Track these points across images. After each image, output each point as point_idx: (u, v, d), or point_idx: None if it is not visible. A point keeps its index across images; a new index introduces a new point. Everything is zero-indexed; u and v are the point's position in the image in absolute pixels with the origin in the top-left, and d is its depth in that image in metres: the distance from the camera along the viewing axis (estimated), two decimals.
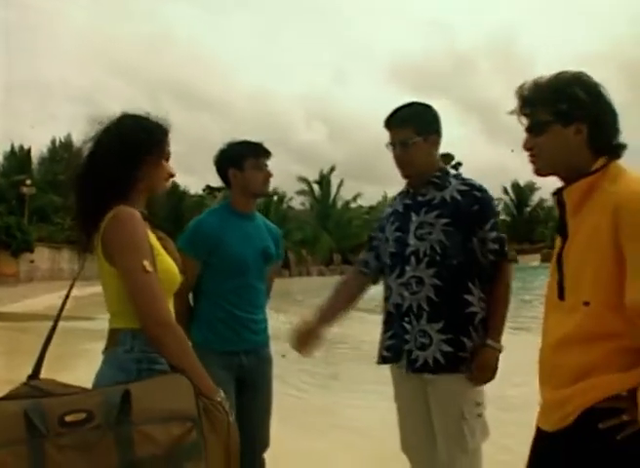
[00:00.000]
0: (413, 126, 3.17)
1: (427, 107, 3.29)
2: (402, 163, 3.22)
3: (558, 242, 2.22)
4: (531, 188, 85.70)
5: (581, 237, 2.08)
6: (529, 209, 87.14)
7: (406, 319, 3.12)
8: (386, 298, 3.29)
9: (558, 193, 2.19)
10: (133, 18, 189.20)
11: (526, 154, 2.25)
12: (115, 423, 1.86)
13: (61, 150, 57.28)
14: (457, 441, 3.06)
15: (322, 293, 3.68)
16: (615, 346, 1.97)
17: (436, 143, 3.25)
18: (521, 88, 2.22)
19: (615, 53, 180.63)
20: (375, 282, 3.50)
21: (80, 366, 2.21)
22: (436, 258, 3.07)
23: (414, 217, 3.19)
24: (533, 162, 2.23)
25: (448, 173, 3.28)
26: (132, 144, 2.39)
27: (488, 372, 3.08)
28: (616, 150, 2.13)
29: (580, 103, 2.10)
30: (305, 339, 3.31)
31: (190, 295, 3.55)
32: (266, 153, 3.65)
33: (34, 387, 2.03)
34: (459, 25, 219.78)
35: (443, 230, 3.08)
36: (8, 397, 1.99)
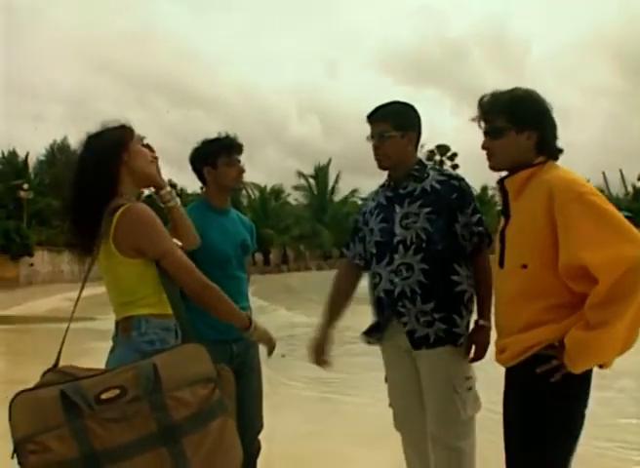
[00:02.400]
0: (391, 121, 3.40)
1: (408, 106, 3.50)
2: (378, 154, 3.44)
3: (502, 221, 2.76)
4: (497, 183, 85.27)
5: (521, 215, 2.62)
6: None
7: (400, 303, 3.29)
8: (374, 285, 3.46)
9: (501, 182, 2.74)
10: (116, 15, 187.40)
11: None
12: (149, 393, 2.05)
13: (59, 153, 57.03)
14: (448, 413, 3.23)
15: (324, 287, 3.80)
16: (549, 303, 2.49)
17: (413, 140, 3.46)
18: (481, 99, 2.75)
19: (607, 39, 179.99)
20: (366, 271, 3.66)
21: (85, 364, 2.33)
22: (422, 245, 3.28)
23: (397, 209, 3.39)
24: (489, 159, 2.77)
25: (426, 165, 3.50)
26: (105, 156, 2.61)
27: (481, 349, 3.31)
28: (555, 153, 2.69)
29: (532, 115, 2.64)
30: (322, 352, 3.57)
31: None
32: (239, 149, 3.77)
33: (63, 373, 2.18)
34: (449, 12, 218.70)
35: (427, 218, 3.29)
36: (42, 385, 2.12)
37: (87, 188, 2.57)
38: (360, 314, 3.73)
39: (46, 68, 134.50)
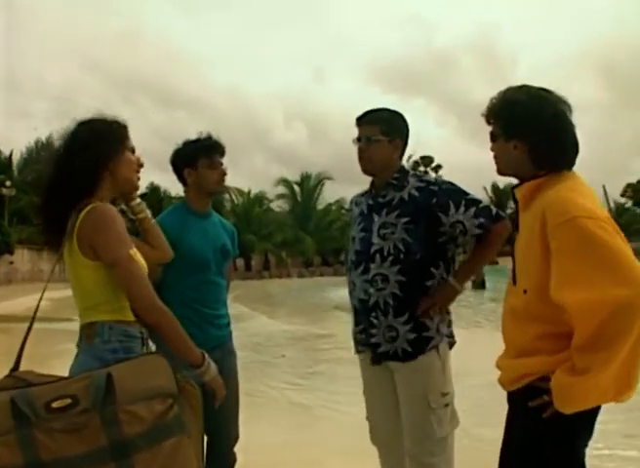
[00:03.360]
0: (380, 126, 3.38)
1: (398, 114, 3.49)
2: (362, 158, 3.42)
3: (516, 234, 2.53)
4: (510, 188, 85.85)
5: (524, 232, 2.40)
6: (509, 210, 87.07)
7: (373, 314, 3.30)
8: (350, 293, 3.48)
9: (512, 190, 2.50)
10: (106, 14, 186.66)
11: None
12: (101, 405, 1.96)
13: (43, 151, 56.65)
14: (423, 429, 3.20)
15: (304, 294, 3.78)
16: (545, 331, 2.27)
17: (399, 148, 3.44)
18: (493, 97, 2.50)
19: (595, 53, 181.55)
20: None
21: (58, 365, 2.27)
22: (400, 256, 3.25)
23: (376, 218, 3.38)
24: (495, 163, 2.56)
25: (407, 173, 3.46)
26: (96, 141, 2.52)
27: (439, 303, 3.28)
28: (559, 166, 2.36)
29: (519, 123, 2.38)
30: None
31: None
32: (221, 150, 3.66)
33: (18, 378, 2.10)
34: (439, 22, 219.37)
35: (405, 228, 3.26)
36: None
37: (66, 181, 2.49)
38: (340, 323, 3.67)
39: (34, 65, 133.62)
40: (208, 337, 3.44)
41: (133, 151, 2.67)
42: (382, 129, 3.38)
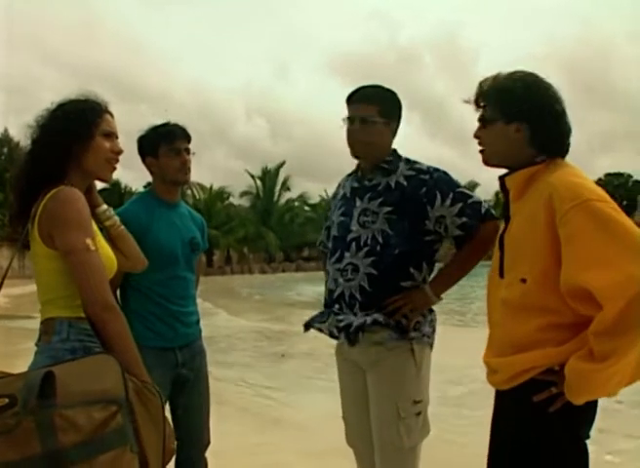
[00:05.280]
0: (378, 106, 3.07)
1: (394, 93, 3.17)
2: (356, 140, 3.10)
3: (502, 225, 2.44)
4: (473, 186, 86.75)
5: (521, 220, 2.28)
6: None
7: (337, 306, 3.09)
8: (325, 282, 3.26)
9: (502, 179, 2.40)
10: (62, 2, 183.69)
11: (469, 153, 2.46)
12: (37, 407, 1.77)
13: (0, 146, 55.74)
14: (391, 439, 2.99)
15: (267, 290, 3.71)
16: (548, 321, 2.16)
17: (395, 131, 3.18)
18: (482, 81, 2.43)
19: (558, 53, 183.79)
20: None
21: (21, 365, 2.19)
22: (377, 248, 3.01)
23: (358, 203, 3.13)
24: (481, 151, 2.44)
25: (400, 157, 3.19)
26: (63, 125, 2.36)
27: (407, 305, 2.97)
28: (558, 150, 2.33)
29: (524, 106, 2.28)
30: None
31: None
32: (183, 136, 3.44)
33: None
34: (402, 18, 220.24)
35: (386, 219, 3.02)
36: None
37: (31, 168, 2.34)
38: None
39: None
40: (176, 335, 3.35)
41: (109, 135, 2.47)
42: (380, 110, 3.07)
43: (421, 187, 3.01)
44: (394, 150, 3.20)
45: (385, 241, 3.00)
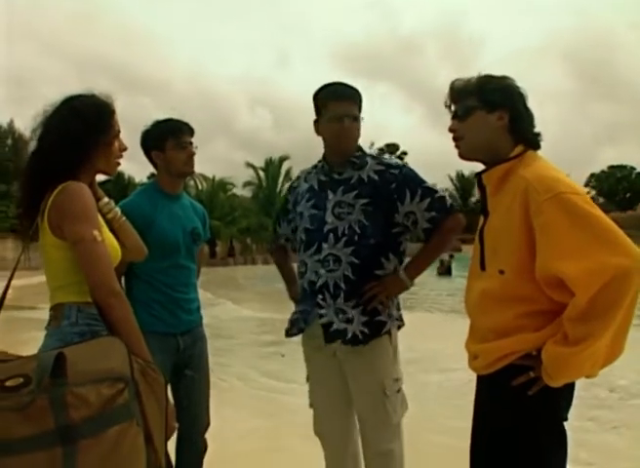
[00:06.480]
0: (358, 103, 3.22)
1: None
2: (349, 137, 3.23)
3: (481, 219, 2.55)
4: (475, 177, 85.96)
5: (498, 215, 2.40)
6: (474, 199, 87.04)
7: (320, 296, 3.20)
8: (301, 275, 3.35)
9: (479, 176, 2.52)
10: None
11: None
12: (50, 386, 1.88)
13: (4, 136, 55.78)
14: (379, 417, 3.17)
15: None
16: (526, 309, 2.29)
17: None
18: (453, 82, 2.55)
19: (561, 43, 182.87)
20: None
21: (27, 352, 2.25)
22: (354, 238, 3.14)
23: (330, 196, 3.25)
24: (457, 146, 2.54)
25: (365, 153, 3.33)
26: (81, 126, 2.45)
27: (382, 292, 3.16)
28: (533, 140, 2.45)
29: (505, 95, 2.43)
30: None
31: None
32: (188, 131, 3.60)
33: None
34: (403, 7, 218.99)
35: (362, 210, 3.15)
36: None
37: (42, 167, 2.44)
38: None
39: None
40: (178, 321, 3.49)
41: (117, 135, 2.61)
42: (359, 107, 3.23)
43: (392, 182, 3.18)
44: (359, 146, 3.34)
45: (362, 231, 3.15)
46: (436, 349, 9.68)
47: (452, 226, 3.24)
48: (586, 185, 79.23)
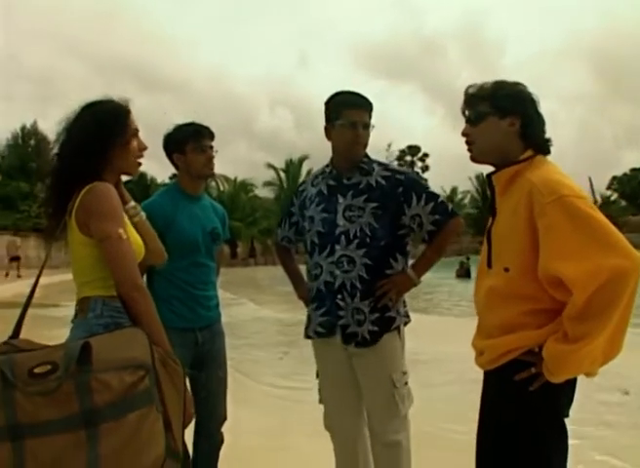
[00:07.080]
0: (370, 112, 3.40)
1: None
2: (360, 144, 3.40)
3: (490, 219, 2.65)
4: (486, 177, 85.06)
5: (505, 215, 2.50)
6: None
7: (339, 296, 3.36)
8: (316, 276, 3.49)
9: (489, 177, 2.61)
10: None
11: None
12: (76, 372, 1.99)
13: (28, 137, 56.21)
14: (389, 409, 3.31)
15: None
16: (529, 307, 2.39)
17: None
18: (468, 87, 2.64)
19: (584, 45, 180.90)
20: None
21: None
22: (366, 240, 3.31)
23: (340, 199, 3.41)
24: (469, 150, 2.64)
25: (371, 159, 3.50)
26: (100, 130, 2.58)
27: (392, 290, 3.35)
28: (543, 145, 2.54)
29: (517, 101, 2.52)
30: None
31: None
32: (208, 135, 3.74)
33: (11, 345, 2.19)
34: (426, 7, 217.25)
35: (372, 213, 3.32)
36: None
37: (67, 172, 2.58)
38: None
39: (11, 48, 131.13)
40: (197, 317, 3.62)
41: (136, 134, 2.72)
42: (370, 115, 3.40)
43: (398, 187, 3.36)
44: (366, 153, 3.50)
45: (373, 233, 3.33)
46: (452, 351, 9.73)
47: (453, 228, 3.45)
48: (608, 188, 78.49)
